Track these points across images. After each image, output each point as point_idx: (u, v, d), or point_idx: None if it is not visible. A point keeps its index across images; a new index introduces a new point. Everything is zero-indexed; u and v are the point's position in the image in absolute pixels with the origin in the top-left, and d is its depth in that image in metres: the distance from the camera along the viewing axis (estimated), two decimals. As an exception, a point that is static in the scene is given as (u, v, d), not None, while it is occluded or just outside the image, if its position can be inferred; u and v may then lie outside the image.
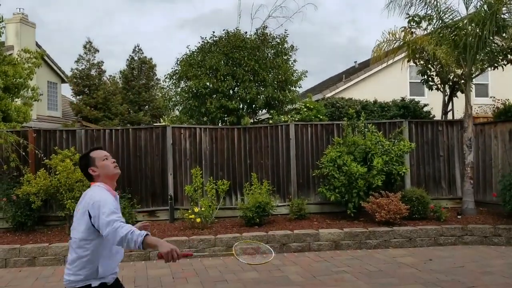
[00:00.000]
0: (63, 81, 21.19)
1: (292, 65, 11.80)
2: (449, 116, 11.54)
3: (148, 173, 9.86)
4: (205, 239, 7.94)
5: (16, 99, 10.69)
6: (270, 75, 11.16)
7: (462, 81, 10.07)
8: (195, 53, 11.59)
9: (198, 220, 8.74)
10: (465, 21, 9.73)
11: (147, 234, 2.61)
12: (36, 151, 9.02)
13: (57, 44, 51.50)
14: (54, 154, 8.84)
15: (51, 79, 20.05)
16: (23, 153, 8.99)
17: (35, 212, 8.72)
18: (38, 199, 8.30)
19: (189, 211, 8.99)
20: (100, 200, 2.80)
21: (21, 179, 8.71)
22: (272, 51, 11.81)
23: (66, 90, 23.18)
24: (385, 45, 9.82)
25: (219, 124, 11.26)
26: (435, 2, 9.90)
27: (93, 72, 21.64)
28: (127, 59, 23.71)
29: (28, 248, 7.60)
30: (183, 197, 9.81)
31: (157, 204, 9.85)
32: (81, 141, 9.57)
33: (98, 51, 21.94)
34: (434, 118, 11.77)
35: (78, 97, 21.36)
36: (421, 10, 10.15)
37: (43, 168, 8.75)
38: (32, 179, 8.46)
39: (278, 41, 11.92)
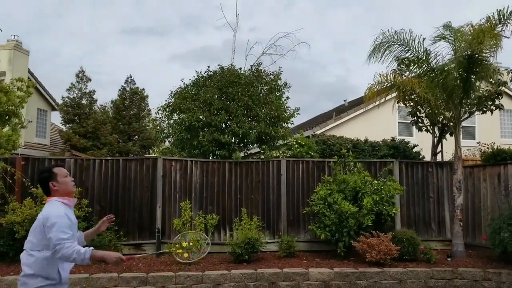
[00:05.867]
0: (53, 109, 21.11)
1: (285, 102, 11.92)
2: (438, 158, 11.67)
3: (136, 205, 9.70)
4: (192, 276, 7.75)
5: (6, 127, 10.56)
6: (263, 111, 11.23)
7: (452, 123, 10.24)
8: (189, 87, 11.67)
9: (186, 255, 8.57)
10: (453, 65, 9.98)
11: (92, 249, 3.11)
12: (24, 179, 8.86)
13: (48, 72, 51.63)
14: (41, 183, 8.67)
15: (41, 107, 19.97)
16: (10, 181, 8.82)
17: (18, 242, 8.44)
18: (22, 228, 8.07)
19: (177, 245, 8.82)
20: (56, 219, 3.10)
21: (6, 208, 8.50)
22: (266, 87, 11.95)
23: (55, 118, 23.05)
24: (377, 86, 9.99)
25: (210, 158, 11.22)
26: (420, 46, 10.11)
27: (84, 101, 21.60)
28: (119, 89, 23.75)
29: (9, 279, 7.33)
30: (171, 230, 9.64)
31: (144, 237, 9.65)
32: (70, 170, 9.42)
33: (90, 80, 21.97)
34: (424, 159, 11.89)
35: (67, 125, 21.21)
36: (406, 54, 10.35)
37: (29, 197, 8.57)
38: (17, 208, 8.27)
39: (272, 77, 12.08)
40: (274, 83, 11.95)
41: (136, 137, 23.04)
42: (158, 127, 12.70)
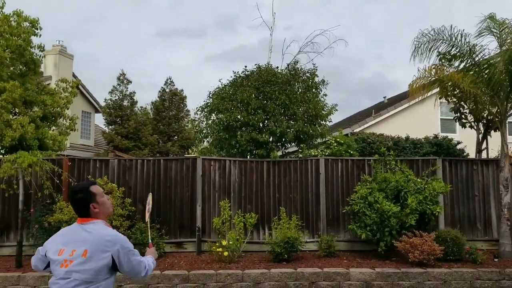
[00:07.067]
0: (96, 111, 21.78)
1: (322, 99, 11.83)
2: (484, 155, 11.28)
3: (177, 204, 9.89)
4: (233, 274, 7.82)
5: (54, 128, 10.98)
6: (300, 109, 11.20)
7: (497, 119, 9.86)
8: (227, 87, 11.78)
9: (226, 253, 8.65)
10: (499, 59, 9.60)
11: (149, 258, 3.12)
12: (70, 179, 9.19)
13: (91, 75, 53.35)
14: (87, 183, 8.97)
15: (85, 109, 20.65)
16: (57, 181, 9.17)
17: (65, 240, 8.78)
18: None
19: (217, 244, 8.92)
20: (126, 241, 2.82)
21: (53, 207, 8.85)
22: (303, 85, 11.90)
23: (99, 120, 23.80)
24: (420, 81, 9.77)
25: (248, 157, 11.28)
26: (463, 41, 9.76)
27: (125, 102, 22.19)
28: (159, 91, 24.30)
29: (57, 276, 7.63)
30: (211, 229, 9.76)
31: (185, 235, 9.82)
32: (113, 170, 9.72)
33: (130, 82, 22.57)
34: (468, 157, 11.52)
35: (110, 126, 21.86)
36: (449, 49, 10.04)
37: (75, 196, 8.86)
38: (64, 207, 8.59)
39: (308, 75, 12.01)
40: (311, 80, 11.89)
41: (176, 137, 23.49)
42: (197, 127, 12.89)
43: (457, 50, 9.88)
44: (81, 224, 2.87)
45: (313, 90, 11.83)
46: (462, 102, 10.89)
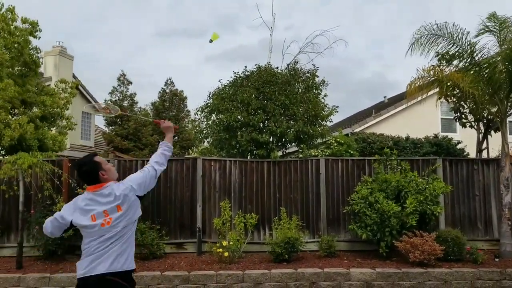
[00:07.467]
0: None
1: (322, 100, 11.82)
2: (484, 154, 11.27)
3: (177, 204, 9.87)
4: (233, 275, 7.81)
5: (52, 128, 10.96)
6: (300, 110, 11.18)
7: (497, 119, 9.85)
8: (227, 87, 11.77)
9: (226, 254, 8.65)
10: (499, 58, 9.58)
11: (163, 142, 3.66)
12: (70, 181, 9.18)
13: (90, 76, 53.37)
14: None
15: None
16: (57, 182, 9.16)
17: (66, 241, 8.78)
18: (69, 228, 8.36)
19: (217, 244, 8.91)
20: (133, 180, 3.31)
21: (54, 208, 8.82)
22: (303, 86, 11.89)
23: (99, 120, 23.79)
24: (419, 81, 9.76)
25: (249, 157, 11.27)
26: (464, 39, 9.74)
27: (125, 103, 22.20)
28: (159, 92, 24.32)
29: (58, 277, 7.64)
30: (211, 229, 9.75)
31: (185, 236, 9.81)
32: (113, 171, 9.69)
33: (131, 83, 22.60)
34: (468, 156, 11.52)
35: (110, 127, 21.87)
36: (449, 47, 9.99)
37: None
38: (65, 208, 8.56)
39: (308, 75, 12.00)
40: (311, 81, 11.88)
41: (176, 138, 23.47)
42: (197, 128, 12.88)
43: (458, 48, 9.84)
44: (96, 191, 3.23)
45: (314, 90, 11.81)
46: (462, 102, 10.88)
